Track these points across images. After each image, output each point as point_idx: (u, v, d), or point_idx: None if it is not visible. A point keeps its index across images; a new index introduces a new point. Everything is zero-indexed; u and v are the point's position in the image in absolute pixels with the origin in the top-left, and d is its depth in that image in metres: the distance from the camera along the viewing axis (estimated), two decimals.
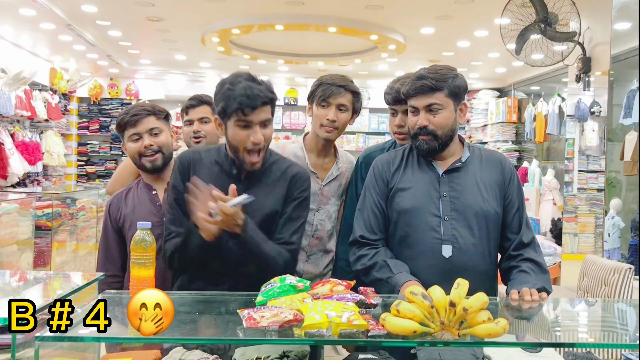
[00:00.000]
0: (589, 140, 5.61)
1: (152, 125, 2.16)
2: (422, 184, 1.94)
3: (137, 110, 2.15)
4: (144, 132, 2.14)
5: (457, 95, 1.92)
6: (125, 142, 2.19)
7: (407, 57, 7.98)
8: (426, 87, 1.87)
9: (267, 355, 1.46)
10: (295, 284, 1.55)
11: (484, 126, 9.90)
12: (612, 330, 1.72)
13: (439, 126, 1.89)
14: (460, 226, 1.88)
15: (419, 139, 1.92)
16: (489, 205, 1.91)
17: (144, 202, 2.17)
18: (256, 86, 1.81)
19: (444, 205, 1.89)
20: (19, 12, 6.00)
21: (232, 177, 1.89)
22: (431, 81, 1.87)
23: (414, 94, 1.90)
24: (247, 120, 1.81)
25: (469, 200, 1.90)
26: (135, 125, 2.14)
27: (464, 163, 1.95)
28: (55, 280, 2.09)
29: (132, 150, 2.16)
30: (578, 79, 5.26)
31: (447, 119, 1.90)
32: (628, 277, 2.98)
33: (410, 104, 1.93)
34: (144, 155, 2.14)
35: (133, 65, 9.69)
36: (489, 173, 1.96)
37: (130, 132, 2.15)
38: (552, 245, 5.78)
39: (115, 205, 2.21)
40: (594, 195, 5.50)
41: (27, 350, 1.33)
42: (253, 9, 6.26)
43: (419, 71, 1.93)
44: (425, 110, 1.89)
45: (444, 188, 1.91)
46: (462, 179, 1.93)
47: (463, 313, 1.33)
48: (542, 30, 4.97)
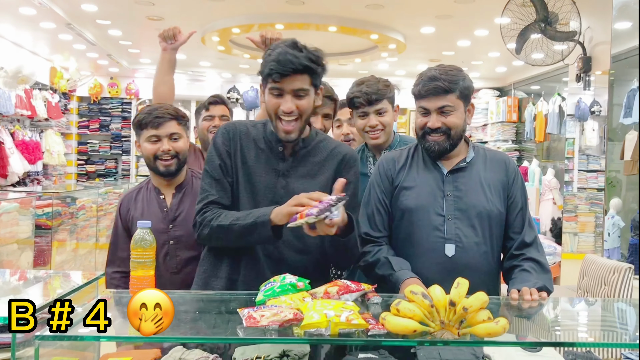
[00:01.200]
0: (589, 139, 5.62)
1: (173, 130, 2.13)
2: (426, 183, 1.93)
3: (161, 113, 2.12)
4: (164, 136, 2.12)
5: (466, 97, 1.92)
6: (141, 141, 2.16)
7: (408, 56, 7.98)
8: (439, 89, 1.85)
9: (266, 354, 1.46)
10: (295, 283, 1.55)
11: (484, 125, 9.89)
12: (612, 329, 1.72)
13: (453, 126, 1.88)
14: (464, 225, 1.88)
15: (428, 139, 1.90)
16: (492, 205, 1.91)
17: (152, 207, 2.17)
18: (292, 52, 1.68)
19: (448, 205, 1.89)
20: (19, 11, 5.99)
21: (276, 155, 1.81)
22: (444, 83, 1.85)
23: (426, 95, 1.87)
24: (278, 87, 1.71)
25: (473, 199, 1.90)
26: (157, 128, 2.11)
27: (469, 163, 1.95)
28: (55, 280, 2.09)
29: (149, 152, 2.13)
30: (578, 78, 5.26)
31: (459, 119, 1.89)
32: (628, 277, 2.98)
33: (420, 105, 1.91)
34: (159, 158, 2.12)
35: (133, 65, 9.69)
36: (493, 173, 1.96)
37: (150, 133, 2.12)
38: (552, 245, 5.77)
39: (125, 205, 2.21)
40: (594, 194, 5.50)
41: (27, 349, 1.33)
42: (253, 8, 6.26)
43: (430, 72, 1.89)
44: (437, 112, 1.88)
45: (448, 187, 1.91)
46: (467, 179, 1.93)
47: (463, 312, 1.33)
48: (543, 29, 4.97)
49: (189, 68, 9.96)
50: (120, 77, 10.24)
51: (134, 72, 10.11)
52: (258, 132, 1.85)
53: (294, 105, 1.72)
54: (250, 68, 9.72)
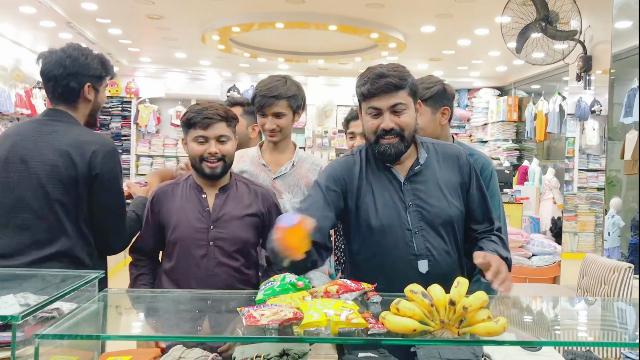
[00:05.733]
0: (590, 139, 5.62)
1: (221, 132, 2.05)
2: (387, 195, 1.83)
3: (211, 114, 2.03)
4: (212, 138, 2.04)
5: (415, 94, 1.83)
6: (188, 139, 2.08)
7: (408, 55, 7.98)
8: (391, 86, 1.75)
9: (266, 353, 1.46)
10: (295, 282, 1.55)
11: (485, 125, 9.90)
12: (611, 329, 1.72)
13: (405, 126, 1.78)
14: (432, 237, 1.80)
15: (381, 142, 1.79)
16: (454, 207, 1.84)
17: (192, 204, 2.08)
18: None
19: (412, 218, 1.80)
20: (19, 9, 6.00)
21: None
22: (394, 79, 1.75)
23: (376, 94, 1.76)
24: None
25: (435, 208, 1.81)
26: (205, 128, 2.04)
27: (423, 165, 1.86)
28: (55, 278, 2.09)
29: (195, 152, 2.05)
30: (579, 77, 5.26)
31: (412, 118, 1.80)
32: (628, 276, 2.98)
33: (370, 105, 1.79)
34: (205, 160, 2.05)
35: (133, 63, 9.69)
36: (448, 172, 1.88)
37: (198, 134, 2.04)
38: (552, 244, 5.77)
39: (159, 200, 2.12)
40: (594, 194, 5.51)
41: (27, 348, 1.33)
42: (253, 7, 6.25)
43: (377, 69, 1.78)
44: (390, 112, 1.77)
45: (409, 197, 1.82)
46: (425, 185, 1.84)
47: (463, 312, 1.33)
48: (543, 28, 4.97)
49: (188, 67, 9.96)
50: (120, 76, 10.23)
51: (134, 71, 10.11)
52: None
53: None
54: (250, 67, 9.72)
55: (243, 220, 2.07)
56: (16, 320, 1.24)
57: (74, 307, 1.47)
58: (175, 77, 10.27)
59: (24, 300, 1.38)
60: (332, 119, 10.79)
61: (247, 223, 2.07)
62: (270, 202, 2.14)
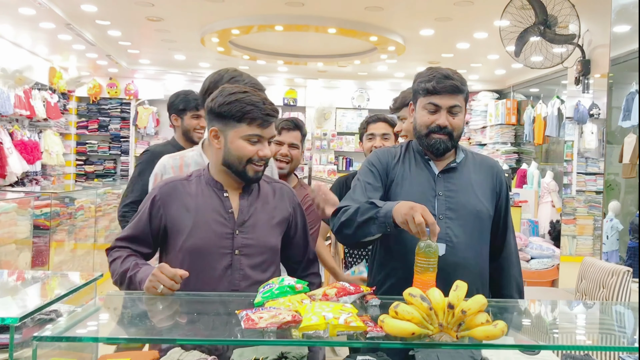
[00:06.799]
0: (588, 142, 5.62)
1: (274, 133, 1.83)
2: (418, 182, 1.95)
3: (271, 110, 1.76)
4: (267, 138, 1.79)
5: (467, 102, 1.98)
6: (230, 135, 1.75)
7: (407, 58, 7.99)
8: (455, 88, 1.88)
9: (265, 356, 1.45)
10: (294, 285, 1.54)
11: (483, 128, 9.90)
12: (610, 332, 1.72)
13: (456, 127, 1.91)
14: (455, 225, 1.89)
15: (433, 136, 1.91)
16: (482, 205, 1.94)
17: (212, 204, 1.78)
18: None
19: (440, 204, 1.91)
20: (19, 11, 5.99)
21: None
22: (458, 82, 1.88)
23: (441, 92, 1.88)
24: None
25: (464, 199, 1.92)
26: (265, 128, 1.76)
27: (459, 164, 1.98)
28: (54, 280, 2.09)
29: (245, 152, 1.75)
30: (577, 81, 5.27)
31: (463, 121, 1.95)
32: (626, 280, 2.98)
33: (431, 101, 1.90)
34: (253, 162, 1.76)
35: (132, 65, 9.69)
36: (482, 176, 1.99)
37: (253, 132, 1.74)
38: (551, 248, 5.78)
39: (164, 199, 1.78)
40: (593, 197, 5.50)
41: (25, 350, 1.32)
42: (253, 9, 6.26)
43: (442, 70, 1.91)
44: (447, 111, 1.90)
45: (440, 187, 1.93)
46: (457, 179, 1.95)
47: (461, 315, 1.33)
48: (542, 32, 4.97)
49: (188, 69, 9.96)
50: (120, 77, 10.24)
51: (133, 73, 10.11)
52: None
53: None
54: (250, 69, 9.72)
55: (271, 225, 1.84)
56: (14, 323, 1.24)
57: (72, 310, 1.47)
58: (174, 79, 10.27)
59: (22, 302, 1.38)
60: (331, 121, 10.80)
61: (275, 228, 1.85)
62: (295, 202, 1.95)
